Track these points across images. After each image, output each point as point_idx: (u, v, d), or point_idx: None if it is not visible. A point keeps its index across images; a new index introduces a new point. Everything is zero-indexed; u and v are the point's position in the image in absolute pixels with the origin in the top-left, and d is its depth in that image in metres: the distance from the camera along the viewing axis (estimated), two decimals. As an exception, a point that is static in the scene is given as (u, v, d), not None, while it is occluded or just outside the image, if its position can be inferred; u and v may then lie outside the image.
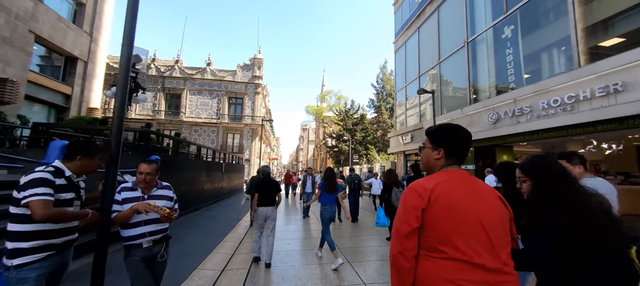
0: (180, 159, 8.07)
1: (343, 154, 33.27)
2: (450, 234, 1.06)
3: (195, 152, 11.24)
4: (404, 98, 15.60)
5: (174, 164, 7.22)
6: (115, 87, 6.15)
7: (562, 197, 1.23)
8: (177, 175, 7.35)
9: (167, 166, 6.90)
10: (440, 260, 1.07)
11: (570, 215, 1.17)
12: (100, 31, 17.14)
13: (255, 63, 27.96)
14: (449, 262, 1.05)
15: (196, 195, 8.79)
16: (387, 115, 32.43)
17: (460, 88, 10.98)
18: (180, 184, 7.44)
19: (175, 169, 7.22)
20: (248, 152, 26.65)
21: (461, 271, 1.03)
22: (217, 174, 11.30)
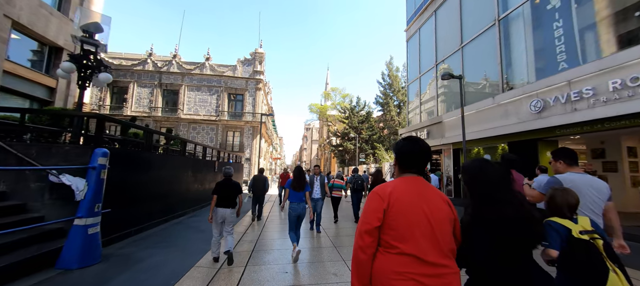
0: (157, 156, 6.70)
1: (348, 153, 31.79)
2: (403, 232, 1.22)
3: (192, 151, 9.85)
4: (418, 90, 14.09)
5: (147, 161, 5.93)
6: (68, 63, 4.76)
7: (474, 196, 1.44)
8: (151, 174, 6.00)
9: (135, 163, 5.55)
10: (393, 255, 1.22)
11: (485, 212, 1.36)
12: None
13: (256, 57, 26.64)
14: (400, 257, 1.21)
15: (180, 198, 7.43)
16: (395, 112, 30.91)
17: (488, 74, 9.46)
18: (154, 185, 6.10)
19: (148, 167, 5.91)
20: (249, 151, 25.34)
21: (409, 265, 1.19)
22: (208, 173, 9.92)
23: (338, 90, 44.31)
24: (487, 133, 8.71)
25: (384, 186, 1.34)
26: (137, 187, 5.51)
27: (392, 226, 1.23)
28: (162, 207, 6.46)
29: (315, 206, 6.13)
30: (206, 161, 9.94)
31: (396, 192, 1.28)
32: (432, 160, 14.38)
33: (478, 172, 1.45)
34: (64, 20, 14.01)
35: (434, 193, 1.32)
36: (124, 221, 5.12)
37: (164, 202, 6.55)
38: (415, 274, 1.16)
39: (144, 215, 5.76)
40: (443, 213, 1.28)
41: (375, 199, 1.29)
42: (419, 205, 1.25)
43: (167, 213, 6.71)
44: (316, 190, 6.26)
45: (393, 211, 1.23)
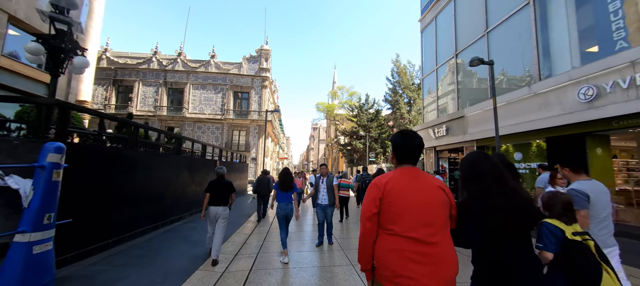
0: (144, 154, 5.77)
1: (357, 152, 30.72)
2: (396, 216, 1.42)
3: (199, 150, 9.05)
4: (435, 84, 12.99)
5: (130, 160, 5.09)
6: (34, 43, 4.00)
7: (469, 191, 1.57)
8: (136, 175, 5.24)
9: (114, 162, 4.78)
10: (388, 235, 1.44)
11: (475, 205, 1.49)
12: (91, 16, 15.33)
13: (262, 54, 25.92)
14: (394, 237, 1.41)
15: (174, 202, 6.64)
16: (405, 110, 29.68)
17: (520, 61, 8.35)
18: (139, 187, 5.32)
19: (132, 166, 5.14)
20: (255, 150, 24.64)
21: (402, 243, 1.38)
22: (208, 174, 9.14)
23: (345, 88, 43.25)
24: (521, 127, 7.62)
25: (381, 177, 1.55)
26: (117, 190, 4.75)
27: (387, 211, 1.44)
28: (151, 212, 5.69)
29: (324, 214, 5.07)
30: (206, 160, 9.15)
31: (391, 181, 1.49)
32: (450, 158, 13.29)
33: (475, 164, 1.58)
34: None
35: (428, 181, 1.51)
36: (97, 232, 4.34)
37: (153, 207, 5.77)
38: (408, 251, 1.37)
39: (125, 223, 4.96)
40: (437, 198, 1.45)
41: (373, 189, 1.52)
42: (412, 192, 1.45)
43: (157, 219, 5.92)
44: (322, 194, 5.11)
45: (388, 198, 1.44)
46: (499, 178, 1.49)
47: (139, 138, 5.69)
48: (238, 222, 7.18)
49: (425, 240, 1.35)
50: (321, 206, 5.07)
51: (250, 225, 7.00)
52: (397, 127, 30.09)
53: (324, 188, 5.13)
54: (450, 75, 12.01)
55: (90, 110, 5.13)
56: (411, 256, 1.34)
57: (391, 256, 1.37)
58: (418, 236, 1.36)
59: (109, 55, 25.20)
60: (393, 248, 1.38)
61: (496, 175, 1.50)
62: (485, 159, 1.57)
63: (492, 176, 1.50)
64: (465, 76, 10.99)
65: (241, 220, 7.57)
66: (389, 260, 1.38)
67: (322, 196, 5.11)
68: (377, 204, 1.45)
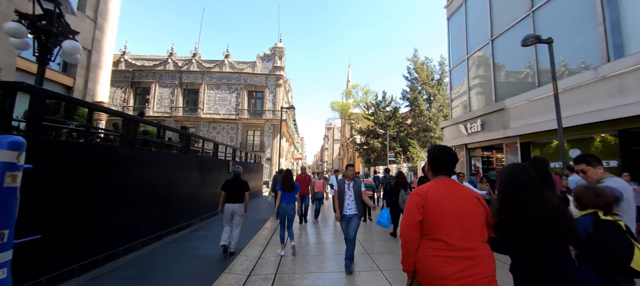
0: (144, 153, 4.98)
1: (374, 152, 29.51)
2: (436, 222, 1.54)
3: (211, 150, 8.40)
4: (465, 74, 11.75)
5: (127, 160, 4.38)
6: (14, 23, 3.40)
7: (506, 202, 1.64)
8: (134, 178, 4.60)
9: (107, 163, 4.14)
10: (429, 241, 1.55)
11: (512, 216, 1.58)
12: (106, 17, 15.30)
13: (276, 52, 25.39)
14: (435, 242, 1.53)
15: (181, 207, 6.00)
16: (425, 107, 28.13)
17: (578, 40, 7.07)
18: (139, 191, 4.69)
19: (129, 168, 4.47)
20: (269, 151, 24.12)
21: (441, 249, 1.50)
22: (221, 175, 8.50)
23: (360, 86, 42.09)
24: (583, 119, 6.38)
25: (420, 187, 1.67)
26: (110, 195, 4.09)
27: (428, 218, 1.56)
28: (154, 219, 5.04)
29: (347, 227, 3.98)
30: (218, 160, 8.50)
31: (431, 190, 1.61)
32: (484, 157, 12.00)
33: (513, 180, 1.65)
34: (81, 17, 13.42)
35: (465, 191, 1.62)
36: (83, 247, 3.65)
37: (157, 213, 5.12)
38: (447, 256, 1.47)
39: (121, 234, 4.29)
40: (473, 208, 1.56)
41: (415, 198, 1.62)
42: (450, 200, 1.56)
43: (161, 227, 5.26)
44: (349, 202, 3.97)
45: (429, 206, 1.56)
46: (536, 191, 1.56)
47: (141, 136, 5.08)
48: (253, 229, 6.45)
49: (464, 245, 1.48)
50: (346, 217, 4.00)
51: (266, 233, 6.23)
52: (416, 124, 28.61)
53: (350, 195, 4.04)
54: (484, 65, 10.76)
55: (75, 99, 4.43)
56: (452, 260, 1.46)
57: (433, 260, 1.50)
58: (457, 241, 1.49)
59: (127, 58, 25.56)
60: (434, 253, 1.51)
61: (533, 187, 1.57)
62: (522, 171, 1.65)
63: (530, 188, 1.57)
64: (503, 63, 9.74)
65: (256, 226, 6.83)
66: (431, 264, 1.51)
67: (347, 204, 4.01)
68: (421, 211, 1.57)
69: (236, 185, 4.70)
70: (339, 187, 4.06)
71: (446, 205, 1.54)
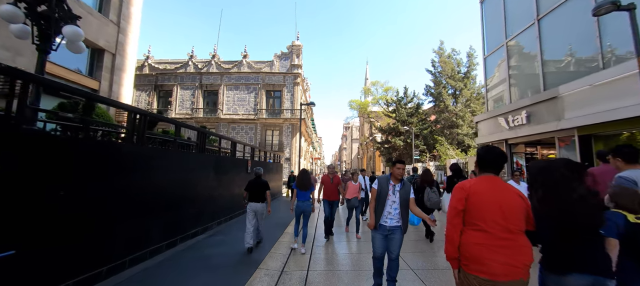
0: (152, 151, 4.42)
1: (396, 150, 28.24)
2: (479, 214, 1.73)
3: (229, 149, 7.93)
4: (505, 61, 10.49)
5: (133, 159, 3.90)
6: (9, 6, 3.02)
7: (537, 194, 1.79)
8: (141, 179, 4.13)
9: (109, 162, 3.67)
10: (472, 231, 1.75)
11: (546, 209, 1.73)
12: (129, 21, 15.55)
13: (294, 51, 24.99)
14: (477, 232, 1.73)
15: (197, 210, 5.54)
16: (450, 102, 26.43)
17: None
18: (147, 194, 4.23)
19: (135, 168, 3.98)
20: (288, 150, 23.75)
21: (483, 237, 1.69)
22: (239, 175, 8.04)
23: (380, 83, 40.69)
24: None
25: (464, 182, 1.89)
26: (114, 198, 3.62)
27: (471, 210, 1.75)
28: (166, 224, 4.60)
29: (386, 245, 3.12)
30: (236, 159, 8.04)
31: (475, 186, 1.80)
32: (528, 154, 10.69)
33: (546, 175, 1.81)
34: (104, 21, 13.67)
35: (508, 189, 1.79)
36: (82, 260, 3.17)
37: (169, 218, 4.69)
38: (489, 244, 1.66)
39: (127, 243, 3.84)
40: (515, 203, 1.72)
41: (459, 191, 1.83)
42: (492, 196, 1.74)
43: (174, 232, 4.81)
44: (391, 210, 3.09)
45: (472, 199, 1.76)
46: (567, 185, 1.70)
47: (152, 134, 4.67)
48: (273, 235, 5.84)
49: (504, 235, 1.65)
50: (385, 229, 3.05)
51: (287, 239, 5.63)
52: (441, 121, 26.95)
53: (394, 201, 3.09)
54: (527, 49, 9.50)
55: (64, 86, 3.97)
56: (493, 248, 1.64)
57: (476, 248, 1.69)
58: (498, 232, 1.66)
59: (151, 62, 26.33)
60: (477, 242, 1.69)
61: (564, 182, 1.71)
62: (553, 167, 1.79)
63: (561, 183, 1.71)
64: (553, 45, 8.48)
65: (276, 231, 6.24)
66: (474, 251, 1.69)
67: (388, 212, 3.09)
68: (463, 203, 1.78)
69: (258, 185, 4.99)
70: (380, 187, 3.16)
71: (488, 199, 1.73)
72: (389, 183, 3.16)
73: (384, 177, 3.29)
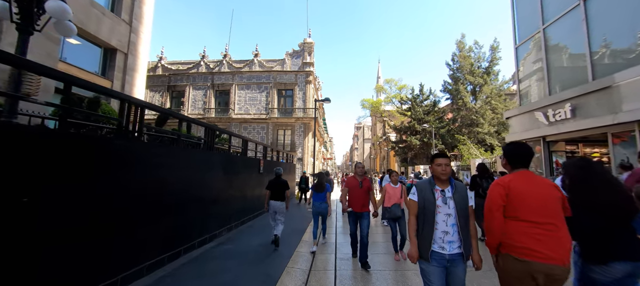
0: (151, 148, 3.93)
1: (412, 150, 27.12)
2: (519, 206, 1.88)
3: (239, 147, 7.29)
4: (542, 47, 9.43)
5: (124, 156, 3.30)
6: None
7: (573, 188, 2.05)
8: (141, 179, 3.55)
9: (101, 157, 3.08)
10: (514, 221, 1.88)
11: (582, 197, 1.97)
12: (141, 21, 15.39)
13: (305, 48, 24.41)
14: (518, 222, 1.87)
15: (204, 215, 4.98)
16: (469, 99, 25.02)
17: None
18: (147, 195, 3.66)
19: (126, 166, 3.36)
20: (301, 150, 23.19)
21: (524, 227, 1.84)
22: (250, 176, 7.46)
23: (393, 81, 39.51)
24: None
25: (503, 178, 2.01)
26: (98, 203, 2.98)
27: (513, 203, 1.89)
28: (165, 234, 4.00)
29: (449, 279, 2.09)
30: (247, 159, 7.46)
31: (513, 181, 1.94)
32: (568, 153, 9.57)
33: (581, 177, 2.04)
34: (116, 20, 13.49)
35: (543, 181, 1.97)
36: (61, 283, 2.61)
37: (170, 226, 4.09)
38: (531, 232, 1.80)
39: (119, 257, 3.22)
40: (551, 194, 1.87)
41: (498, 187, 1.96)
42: (530, 188, 1.88)
43: (177, 242, 4.19)
44: (449, 229, 2.10)
45: (512, 194, 1.89)
46: (605, 179, 1.96)
47: (149, 128, 4.12)
48: (289, 243, 5.23)
49: (543, 222, 1.79)
50: (442, 261, 2.07)
51: (305, 250, 4.96)
52: (460, 119, 25.60)
53: (449, 216, 2.12)
54: (570, 34, 8.44)
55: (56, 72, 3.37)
56: (534, 236, 1.78)
57: (518, 235, 1.84)
58: (538, 220, 1.81)
59: (164, 63, 26.46)
60: (521, 230, 1.83)
61: (602, 177, 1.97)
62: (591, 163, 2.08)
63: (599, 177, 1.96)
64: (604, 28, 7.41)
65: (292, 239, 5.61)
66: (516, 238, 1.84)
67: (443, 232, 2.10)
68: (504, 199, 1.91)
69: (279, 185, 5.27)
70: (423, 196, 2.18)
71: (527, 191, 1.87)
72: (434, 189, 2.18)
73: (423, 182, 2.28)
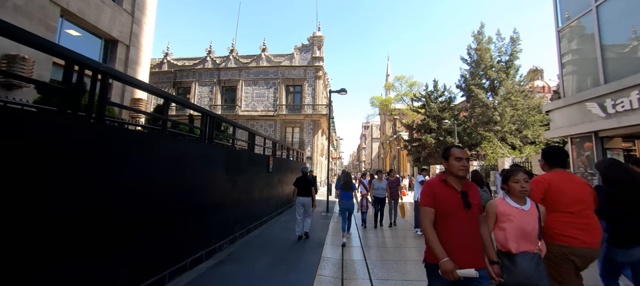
0: (133, 137, 3.03)
1: (427, 148, 25.73)
2: (559, 200, 2.18)
3: (245, 141, 6.29)
4: (594, 30, 8.10)
5: (95, 148, 2.35)
6: None
7: (606, 183, 2.48)
8: (119, 180, 2.59)
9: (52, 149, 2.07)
10: (554, 212, 2.17)
11: (612, 190, 2.37)
12: (144, 11, 14.56)
13: (315, 42, 23.35)
14: (558, 213, 2.17)
15: (200, 224, 3.95)
16: (485, 95, 23.36)
17: None
18: (127, 201, 2.69)
19: (107, 162, 2.46)
20: (310, 148, 22.15)
21: (564, 216, 2.16)
22: (258, 175, 6.43)
23: (404, 78, 38.07)
24: None
25: (543, 175, 2.32)
26: (56, 211, 2.06)
27: (552, 197, 2.18)
28: (148, 252, 2.97)
29: None
30: (255, 155, 6.37)
31: (553, 179, 2.24)
32: (626, 151, 8.24)
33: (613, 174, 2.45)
34: (118, 10, 12.66)
35: (577, 178, 2.35)
36: None
37: (153, 242, 3.04)
38: (569, 221, 2.13)
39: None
40: (584, 189, 2.22)
41: (539, 184, 2.24)
42: (566, 185, 2.21)
43: (162, 265, 3.11)
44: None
45: (551, 189, 2.20)
46: (630, 178, 2.35)
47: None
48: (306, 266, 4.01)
49: (579, 213, 2.13)
50: None
51: (327, 273, 3.88)
52: (476, 117, 24.05)
53: None
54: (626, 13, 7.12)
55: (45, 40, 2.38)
56: (572, 224, 2.12)
57: (557, 225, 2.14)
58: (574, 210, 2.13)
59: (170, 59, 25.83)
60: (561, 220, 2.14)
61: (627, 175, 2.37)
62: (619, 163, 2.50)
63: (625, 175, 2.36)
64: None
65: (312, 257, 4.39)
66: (557, 227, 2.14)
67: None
68: (544, 194, 2.20)
69: (306, 182, 5.70)
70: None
71: (564, 187, 2.18)
72: None
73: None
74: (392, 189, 6.98)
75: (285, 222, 7.23)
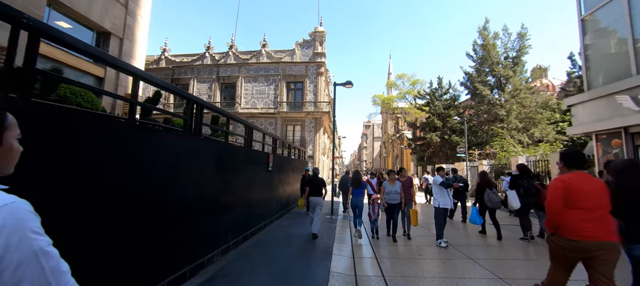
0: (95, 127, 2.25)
1: (431, 146, 25.02)
2: (576, 199, 2.37)
3: (242, 136, 5.69)
4: (624, 16, 7.39)
5: None
6: None
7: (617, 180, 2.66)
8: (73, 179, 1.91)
9: None
10: (572, 210, 2.37)
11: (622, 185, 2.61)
12: (138, 3, 13.86)
13: (316, 38, 22.66)
14: (575, 210, 2.36)
15: (187, 235, 3.29)
16: (489, 92, 22.56)
17: None
18: (90, 205, 2.02)
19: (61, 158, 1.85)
20: (311, 147, 21.48)
21: (580, 214, 2.34)
22: (257, 175, 5.77)
23: (406, 76, 37.19)
24: None
25: (562, 176, 2.51)
26: None
27: (569, 195, 2.37)
28: (121, 272, 2.38)
29: None
30: (252, 152, 5.71)
31: (571, 179, 2.42)
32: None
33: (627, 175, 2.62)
34: (110, 1, 12.02)
35: (595, 180, 2.48)
36: None
37: (126, 259, 2.43)
38: (584, 219, 2.31)
39: None
40: (600, 189, 2.39)
41: (558, 183, 2.46)
42: (583, 185, 2.37)
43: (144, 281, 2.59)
44: None
45: (569, 189, 2.37)
46: None
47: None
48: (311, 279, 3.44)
49: (594, 210, 2.31)
50: None
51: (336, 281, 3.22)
52: (483, 114, 23.31)
53: None
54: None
55: None
56: (587, 220, 2.30)
57: (575, 221, 2.33)
58: (591, 207, 2.32)
59: (167, 56, 25.17)
60: (577, 217, 2.33)
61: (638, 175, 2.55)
62: (635, 163, 2.68)
63: (636, 175, 2.54)
64: None
65: (316, 270, 3.74)
66: (573, 223, 2.34)
67: None
68: (562, 192, 2.39)
69: (317, 183, 6.11)
70: None
71: (582, 187, 2.36)
72: None
73: None
74: (406, 192, 6.01)
75: (286, 227, 6.57)
